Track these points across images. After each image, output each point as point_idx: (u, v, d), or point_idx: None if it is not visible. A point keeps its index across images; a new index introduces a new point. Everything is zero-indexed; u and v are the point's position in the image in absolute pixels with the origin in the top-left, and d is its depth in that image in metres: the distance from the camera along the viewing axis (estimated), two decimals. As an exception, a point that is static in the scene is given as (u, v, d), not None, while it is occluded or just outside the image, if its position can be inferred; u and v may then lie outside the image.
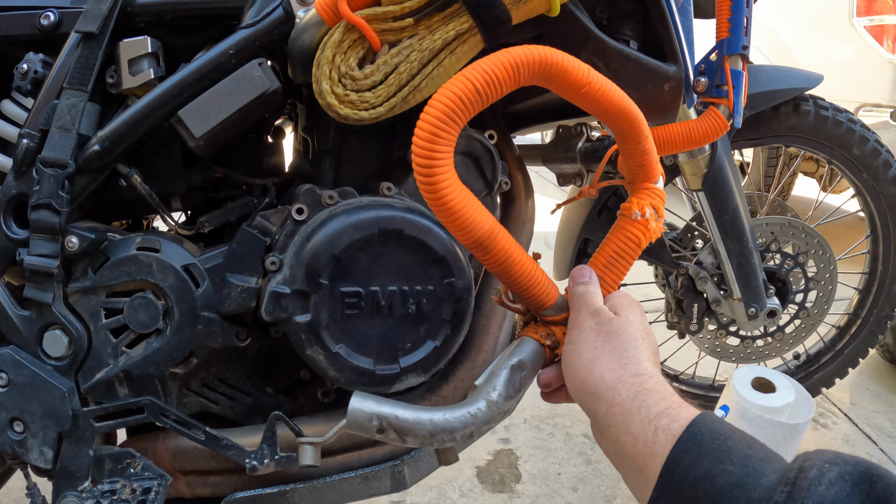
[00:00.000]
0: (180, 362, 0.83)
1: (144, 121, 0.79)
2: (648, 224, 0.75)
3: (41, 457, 0.79)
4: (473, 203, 0.65)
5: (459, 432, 0.67)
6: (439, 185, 0.61)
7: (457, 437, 0.67)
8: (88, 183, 0.81)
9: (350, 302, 0.79)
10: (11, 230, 0.79)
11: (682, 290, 1.29)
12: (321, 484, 0.87)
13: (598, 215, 1.30)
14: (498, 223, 0.68)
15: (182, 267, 0.81)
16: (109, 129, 0.79)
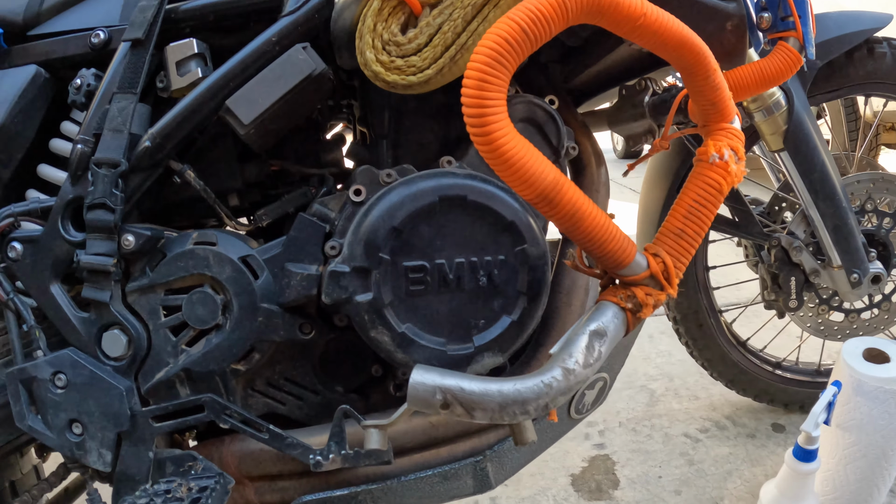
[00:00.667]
0: (242, 358, 0.77)
1: (194, 115, 0.76)
2: (728, 166, 0.64)
3: (100, 459, 0.74)
4: (534, 153, 0.57)
5: (532, 404, 0.57)
6: (493, 133, 0.54)
7: (530, 409, 0.57)
8: (142, 181, 0.77)
9: (414, 277, 0.70)
10: (69, 233, 0.76)
11: (777, 264, 1.14)
12: (396, 484, 0.78)
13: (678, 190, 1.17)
14: (563, 174, 0.60)
15: (239, 258, 0.75)
16: (160, 126, 0.76)
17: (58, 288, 0.77)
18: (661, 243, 0.67)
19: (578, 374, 0.60)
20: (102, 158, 0.75)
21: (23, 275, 0.77)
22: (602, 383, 0.89)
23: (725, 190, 0.65)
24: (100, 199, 0.75)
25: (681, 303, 1.28)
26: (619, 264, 0.64)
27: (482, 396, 0.56)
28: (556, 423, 0.88)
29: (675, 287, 0.67)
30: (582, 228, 0.60)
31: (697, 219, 0.65)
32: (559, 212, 0.59)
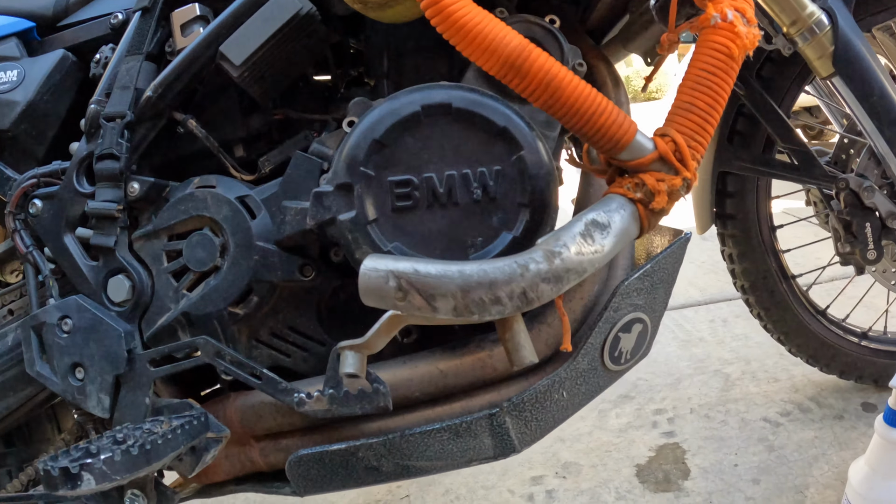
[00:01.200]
0: (240, 301, 0.71)
1: (192, 64, 0.76)
2: (735, 27, 0.53)
3: (98, 404, 0.70)
4: (494, 20, 0.49)
5: (503, 288, 0.46)
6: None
7: (500, 294, 0.46)
8: (147, 131, 0.76)
9: (401, 192, 0.62)
10: (82, 186, 0.74)
11: (848, 210, 0.96)
12: (399, 438, 0.67)
13: (730, 141, 1.03)
14: (532, 43, 0.50)
15: (237, 199, 0.71)
16: (161, 78, 0.76)
17: (70, 238, 0.76)
18: (670, 123, 0.55)
19: (567, 261, 0.48)
20: (111, 112, 0.76)
21: (41, 229, 0.77)
22: (640, 326, 0.75)
23: (736, 54, 0.53)
24: (107, 150, 0.75)
25: (747, 268, 1.10)
26: (617, 143, 0.53)
27: (440, 279, 0.46)
28: (589, 376, 0.73)
29: (693, 169, 0.54)
30: (563, 100, 0.50)
31: (708, 89, 0.53)
32: (531, 81, 0.50)
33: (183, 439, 0.63)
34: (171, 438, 0.61)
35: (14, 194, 0.77)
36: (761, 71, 0.99)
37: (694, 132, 0.55)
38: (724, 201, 1.08)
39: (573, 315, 0.74)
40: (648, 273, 0.72)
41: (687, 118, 0.55)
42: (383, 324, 0.56)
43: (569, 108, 0.52)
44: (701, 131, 0.55)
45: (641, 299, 0.73)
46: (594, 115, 0.52)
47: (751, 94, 0.98)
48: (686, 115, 0.55)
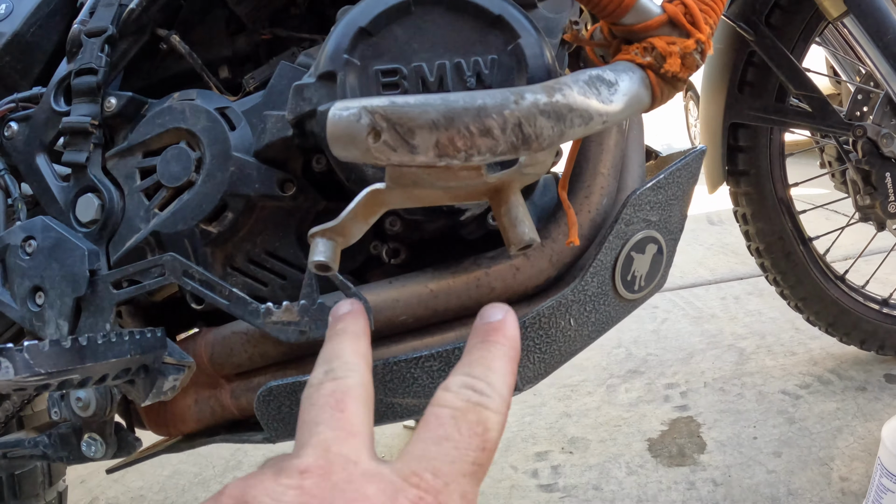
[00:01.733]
0: (213, 217, 0.62)
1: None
2: None
3: (57, 330, 0.62)
4: None
5: (495, 116, 0.37)
6: None
7: (491, 124, 0.38)
8: (129, 46, 0.71)
9: (388, 81, 0.55)
10: (59, 105, 0.68)
11: (866, 159, 0.86)
12: (382, 368, 0.57)
13: (740, 91, 0.94)
14: None
15: (216, 109, 0.62)
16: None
17: (43, 158, 0.69)
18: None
19: (569, 98, 0.40)
20: (92, 28, 0.71)
21: (14, 152, 0.70)
22: (655, 248, 0.65)
23: None
24: (86, 65, 0.68)
25: (762, 229, 0.99)
26: (619, 5, 0.44)
27: (420, 107, 0.37)
28: (599, 302, 0.63)
29: (706, 31, 0.45)
30: None
31: None
32: None
33: (131, 347, 0.53)
34: (114, 342, 0.52)
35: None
36: (770, 18, 0.91)
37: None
38: (737, 156, 0.99)
39: (580, 230, 0.63)
40: (662, 184, 0.63)
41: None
42: (360, 202, 0.47)
43: None
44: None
45: (655, 215, 0.64)
46: None
47: (761, 41, 0.90)
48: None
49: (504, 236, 0.49)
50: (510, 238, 0.48)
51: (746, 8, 0.92)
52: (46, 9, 0.78)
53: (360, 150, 0.40)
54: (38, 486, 0.94)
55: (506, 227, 0.48)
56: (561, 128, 0.41)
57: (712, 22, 0.50)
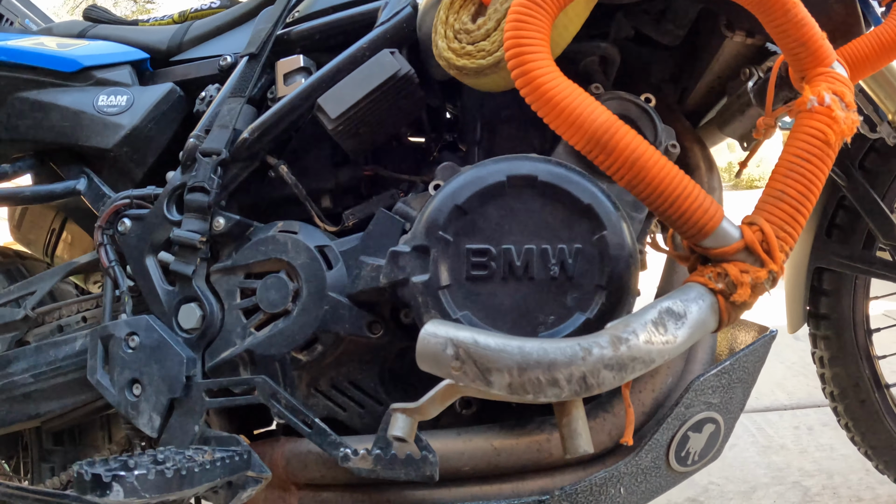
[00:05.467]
0: (304, 348, 0.72)
1: (290, 113, 0.81)
2: (832, 112, 0.52)
3: (149, 423, 0.74)
4: (583, 94, 0.50)
5: (562, 370, 0.45)
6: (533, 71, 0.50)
7: (559, 376, 0.45)
8: (240, 171, 0.81)
9: (477, 261, 0.62)
10: (171, 214, 0.78)
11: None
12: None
13: (828, 235, 0.98)
14: (619, 119, 0.49)
15: (316, 247, 0.73)
16: (259, 122, 0.81)
17: (152, 260, 0.80)
18: (759, 211, 0.53)
19: (633, 349, 0.47)
20: (207, 149, 0.80)
21: (126, 247, 0.82)
22: (713, 427, 0.71)
23: (832, 140, 0.51)
24: (199, 183, 0.78)
25: (838, 374, 1.03)
26: (701, 230, 0.51)
27: (498, 353, 0.45)
28: (651, 474, 0.70)
29: (780, 262, 0.51)
30: (647, 180, 0.50)
31: (801, 176, 0.51)
32: (617, 158, 0.50)
33: (221, 472, 0.64)
34: (208, 469, 0.62)
35: (106, 210, 0.82)
36: (864, 161, 0.94)
37: (784, 222, 0.53)
38: (819, 299, 1.02)
39: (641, 407, 0.70)
40: (727, 370, 0.68)
41: (777, 206, 0.53)
42: (438, 392, 0.56)
43: (653, 189, 0.51)
44: (791, 221, 0.53)
45: (717, 398, 0.69)
46: (679, 199, 0.51)
47: (852, 186, 0.93)
48: (777, 203, 0.53)
49: (562, 442, 0.56)
50: (566, 447, 0.55)
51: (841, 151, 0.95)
52: (164, 106, 0.89)
53: (444, 372, 0.49)
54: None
55: (564, 436, 0.55)
56: (622, 375, 0.48)
57: (788, 248, 0.55)
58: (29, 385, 0.85)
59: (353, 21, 0.84)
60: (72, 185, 0.88)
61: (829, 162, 0.54)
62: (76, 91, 0.90)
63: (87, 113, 0.88)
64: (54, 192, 0.88)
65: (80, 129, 0.88)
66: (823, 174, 0.53)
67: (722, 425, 0.71)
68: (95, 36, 0.97)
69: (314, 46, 0.85)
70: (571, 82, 0.52)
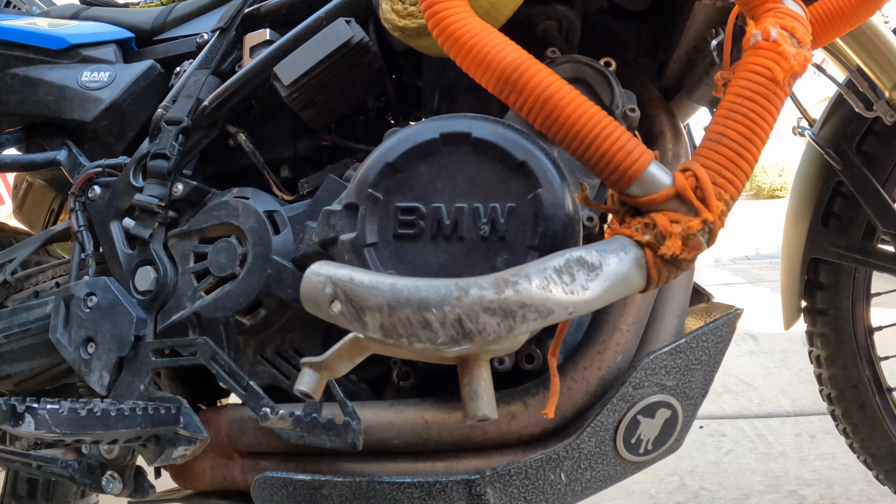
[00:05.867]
0: (248, 311, 0.71)
1: (249, 82, 0.81)
2: (779, 46, 0.46)
3: (99, 380, 0.75)
4: (494, 34, 0.47)
5: (435, 310, 0.42)
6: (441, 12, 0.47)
7: (430, 318, 0.42)
8: (200, 139, 0.82)
9: (405, 220, 0.60)
10: (136, 181, 0.80)
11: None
12: (366, 484, 0.62)
13: (825, 224, 0.91)
14: (533, 58, 0.46)
15: (265, 212, 0.72)
16: (219, 90, 0.82)
17: (116, 225, 0.82)
18: (696, 157, 0.48)
19: (522, 293, 0.43)
20: (171, 117, 0.81)
21: (94, 213, 0.83)
22: (668, 413, 0.65)
23: (779, 77, 0.46)
24: (161, 150, 0.79)
25: (836, 375, 0.94)
26: (624, 174, 0.47)
27: (370, 290, 0.43)
28: (597, 461, 0.65)
29: (716, 210, 0.46)
30: (560, 119, 0.46)
31: (743, 117, 0.46)
32: (528, 98, 0.46)
33: (142, 421, 0.63)
34: (127, 415, 0.61)
35: (80, 177, 0.84)
36: (862, 144, 0.87)
37: (722, 167, 0.47)
38: (815, 293, 0.94)
39: (586, 385, 0.65)
40: (682, 349, 0.63)
41: (715, 150, 0.48)
42: (344, 345, 0.53)
43: (568, 130, 0.47)
44: (732, 167, 0.47)
45: (672, 380, 0.64)
46: (597, 139, 0.47)
47: (849, 171, 0.85)
48: (715, 146, 0.48)
49: (462, 406, 0.52)
50: (465, 410, 0.50)
51: (836, 133, 0.87)
52: (144, 82, 0.91)
53: (324, 314, 0.46)
54: (70, 496, 1.09)
55: (464, 398, 0.51)
56: (509, 324, 0.44)
57: (728, 197, 0.49)
58: (2, 345, 0.87)
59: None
60: (52, 155, 0.91)
61: (776, 102, 0.48)
62: (62, 67, 0.93)
63: (71, 87, 0.91)
64: (35, 162, 0.90)
65: (63, 103, 0.91)
66: (770, 115, 0.48)
67: (679, 412, 0.65)
68: (87, 17, 1.01)
69: (281, 21, 0.85)
70: (484, 23, 0.49)
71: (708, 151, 0.49)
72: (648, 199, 0.49)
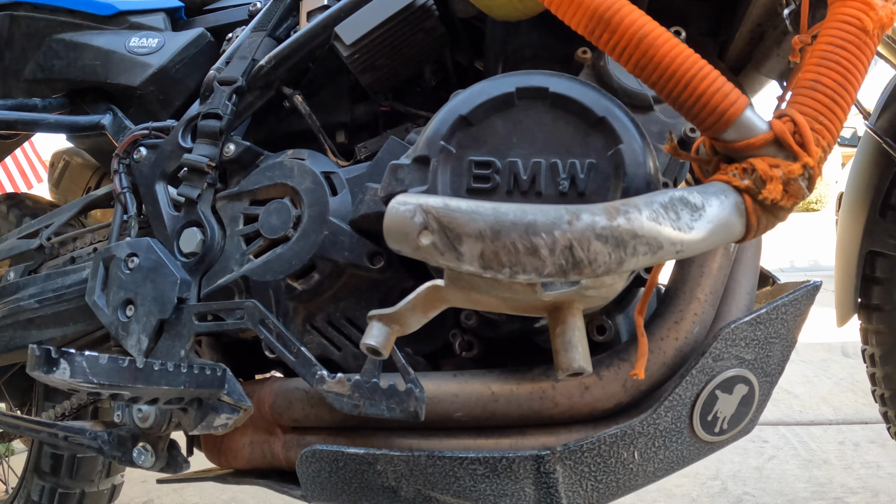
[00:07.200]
0: (300, 275, 0.67)
1: (308, 41, 0.78)
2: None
3: (137, 344, 0.69)
4: None
5: (544, 234, 0.37)
6: None
7: (539, 244, 0.38)
8: (255, 99, 0.79)
9: (479, 173, 0.56)
10: (185, 141, 0.76)
11: None
12: (425, 459, 0.57)
13: (882, 216, 0.87)
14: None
15: (322, 173, 0.68)
16: (276, 51, 0.79)
17: (162, 186, 0.78)
18: (791, 104, 0.45)
19: (634, 222, 0.39)
20: (224, 77, 0.78)
21: (138, 174, 0.80)
22: (746, 389, 0.61)
23: (869, 27, 0.44)
24: (213, 110, 0.76)
25: (891, 374, 0.89)
26: (721, 117, 0.44)
27: (470, 214, 0.39)
28: (672, 439, 0.60)
29: (816, 156, 0.43)
30: (656, 59, 0.42)
31: (837, 64, 0.43)
32: (622, 37, 0.43)
33: (186, 380, 0.58)
34: (171, 372, 0.57)
35: (125, 139, 0.81)
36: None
37: (819, 113, 0.45)
38: (871, 289, 0.89)
39: (662, 357, 0.61)
40: (762, 320, 0.59)
41: (811, 97, 0.45)
42: (419, 295, 0.49)
43: (663, 71, 0.44)
44: (828, 113, 0.45)
45: (751, 353, 0.59)
46: (694, 80, 0.44)
47: (909, 160, 0.82)
48: (810, 93, 0.45)
49: (554, 358, 0.48)
50: (559, 362, 0.46)
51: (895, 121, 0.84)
52: (193, 49, 0.89)
53: (411, 247, 0.42)
54: (94, 474, 1.04)
55: (557, 349, 0.47)
56: (620, 255, 0.40)
57: (826, 143, 0.46)
58: (34, 310, 0.83)
59: (381, -42, 0.81)
60: (97, 118, 0.88)
61: (867, 51, 0.46)
62: (110, 33, 0.91)
63: (118, 52, 0.88)
64: (78, 123, 0.87)
65: (110, 68, 0.88)
66: (862, 63, 0.45)
67: (756, 389, 0.61)
68: (134, -15, 0.99)
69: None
70: None
71: (804, 98, 0.46)
72: (746, 143, 0.45)
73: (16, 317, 0.84)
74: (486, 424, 0.62)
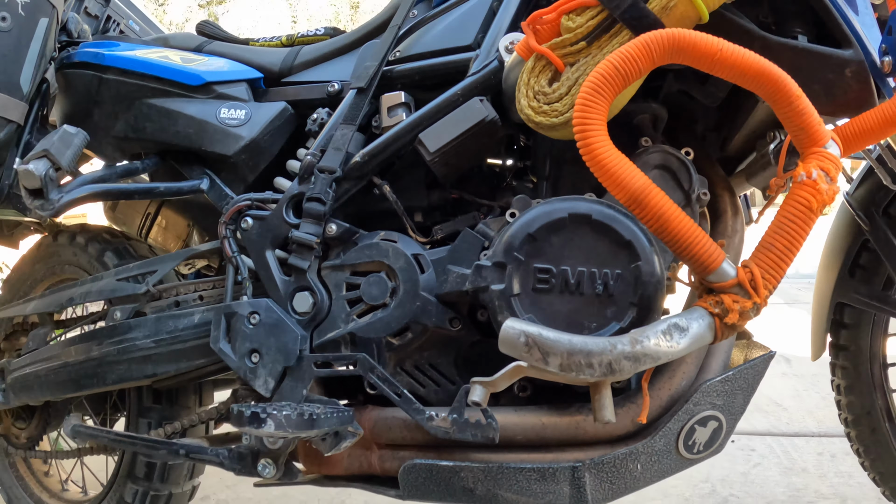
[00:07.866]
0: (397, 333, 1.26)
1: (394, 143, 1.35)
2: (817, 185, 1.01)
3: (264, 385, 1.27)
4: (626, 163, 1.02)
5: (596, 357, 0.98)
6: (592, 143, 1.00)
7: (593, 362, 0.98)
8: (350, 187, 1.35)
9: (541, 277, 1.16)
10: (289, 217, 1.31)
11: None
12: (495, 468, 1.18)
13: (851, 274, 1.49)
14: (652, 183, 1.00)
15: (412, 254, 1.26)
16: (369, 148, 1.35)
17: (272, 254, 1.35)
18: (753, 257, 1.04)
19: (646, 348, 0.99)
20: (324, 166, 1.34)
21: (247, 242, 1.36)
22: (716, 424, 1.24)
23: (815, 207, 1.02)
24: (317, 195, 1.33)
25: (852, 402, 1.54)
26: (706, 268, 1.03)
27: (554, 342, 0.98)
28: (663, 457, 1.22)
29: (763, 297, 1.02)
30: (669, 230, 1.01)
31: (787, 233, 1.02)
32: (648, 213, 1.01)
33: (335, 421, 1.18)
34: (326, 417, 1.16)
35: (230, 209, 1.37)
36: (889, 208, 1.45)
37: (770, 267, 1.04)
38: (840, 332, 1.54)
39: (659, 401, 1.23)
40: (730, 379, 1.21)
41: (766, 255, 1.04)
42: (509, 370, 1.09)
43: (672, 237, 1.03)
44: (776, 267, 1.04)
45: (721, 400, 1.22)
46: (690, 245, 1.03)
47: (875, 231, 1.44)
48: (766, 252, 1.04)
49: (593, 412, 1.09)
50: (596, 415, 1.09)
51: (866, 197, 1.45)
52: (278, 122, 1.44)
53: (517, 353, 1.02)
54: (181, 478, 1.65)
55: (595, 408, 1.09)
56: (636, 365, 1.01)
57: (772, 287, 1.07)
58: (150, 349, 1.40)
59: (447, 67, 1.39)
60: (196, 184, 1.43)
61: (810, 224, 1.05)
62: (199, 102, 1.46)
63: (211, 123, 1.43)
64: (182, 189, 1.43)
65: (204, 136, 1.44)
66: (805, 233, 1.04)
67: (724, 423, 1.24)
68: (212, 52, 1.52)
69: (413, 85, 1.41)
70: (620, 153, 1.03)
71: (761, 255, 1.06)
72: (720, 285, 1.06)
73: (130, 353, 1.41)
74: (537, 444, 1.24)
